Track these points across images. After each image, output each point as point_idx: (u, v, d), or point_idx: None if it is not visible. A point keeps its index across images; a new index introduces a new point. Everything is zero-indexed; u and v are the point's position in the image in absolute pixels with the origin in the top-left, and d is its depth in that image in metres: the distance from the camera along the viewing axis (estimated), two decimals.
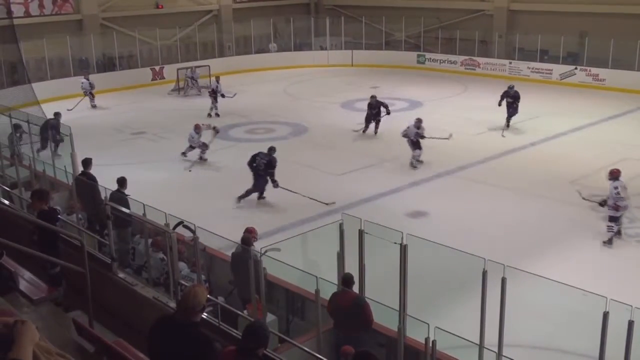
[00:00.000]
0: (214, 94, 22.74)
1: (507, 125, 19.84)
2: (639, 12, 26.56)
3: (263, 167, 13.96)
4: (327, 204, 13.78)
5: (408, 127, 16.48)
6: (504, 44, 30.94)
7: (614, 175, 12.01)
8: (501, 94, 20.03)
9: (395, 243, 6.77)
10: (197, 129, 17.24)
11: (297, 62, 32.98)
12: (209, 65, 28.68)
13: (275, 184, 13.98)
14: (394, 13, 33.82)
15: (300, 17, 35.84)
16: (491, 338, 6.47)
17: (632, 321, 5.46)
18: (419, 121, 16.60)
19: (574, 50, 28.26)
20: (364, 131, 19.42)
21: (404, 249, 6.76)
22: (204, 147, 17.22)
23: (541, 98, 23.47)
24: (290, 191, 13.96)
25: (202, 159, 17.27)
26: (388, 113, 19.15)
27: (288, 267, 7.55)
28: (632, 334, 5.51)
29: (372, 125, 19.45)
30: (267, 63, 32.53)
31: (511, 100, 19.66)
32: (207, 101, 25.58)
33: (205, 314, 6.48)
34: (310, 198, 13.84)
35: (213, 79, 23.28)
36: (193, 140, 17.19)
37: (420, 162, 16.51)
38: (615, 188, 11.73)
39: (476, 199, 14.51)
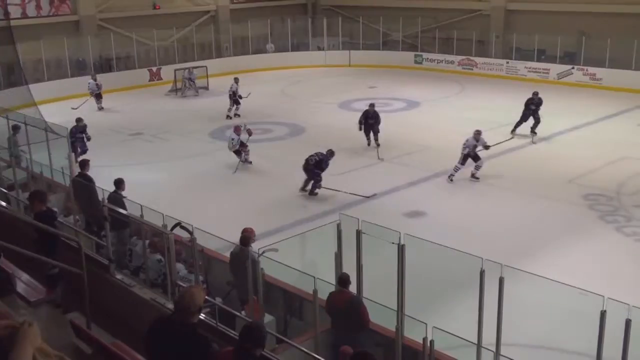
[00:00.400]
0: (234, 96, 22.49)
1: (535, 132, 19.13)
2: (636, 12, 26.61)
3: (313, 163, 14.50)
4: (368, 196, 14.26)
5: (467, 140, 15.57)
6: (501, 43, 30.96)
7: None
8: (525, 101, 19.41)
9: (392, 243, 6.78)
10: (237, 130, 16.83)
11: (294, 62, 32.97)
12: (206, 66, 28.70)
13: (316, 185, 14.56)
14: (392, 13, 33.82)
15: (298, 18, 35.88)
16: (489, 337, 6.48)
17: (630, 320, 5.46)
18: (478, 133, 15.67)
19: (571, 49, 28.28)
20: (368, 144, 18.31)
21: (401, 249, 6.77)
22: (244, 146, 16.82)
23: None
24: (331, 189, 14.51)
25: (246, 161, 16.83)
26: (374, 128, 18.07)
27: (286, 268, 7.55)
28: (629, 332, 5.52)
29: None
30: (265, 63, 32.53)
31: (535, 108, 19.20)
32: (204, 102, 25.78)
33: (203, 314, 6.48)
34: (351, 193, 14.35)
35: (232, 81, 22.90)
36: (235, 142, 16.69)
37: (477, 178, 15.52)
38: None
39: (474, 198, 14.53)
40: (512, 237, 12.23)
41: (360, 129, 18.25)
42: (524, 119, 19.35)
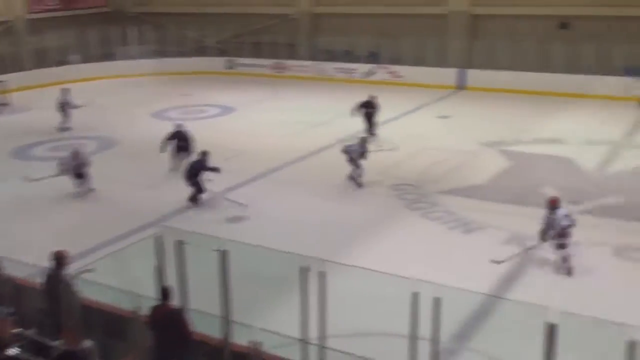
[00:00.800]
0: (64, 107, 21.36)
1: (373, 134, 19.29)
2: (429, 12, 29.10)
3: (194, 170, 14.20)
4: (244, 205, 13.91)
5: (351, 145, 15.57)
6: (310, 46, 32.08)
7: (556, 204, 10.90)
8: (361, 104, 19.58)
9: (215, 250, 6.76)
10: (76, 156, 15.07)
11: (103, 72, 31.63)
12: (5, 81, 26.47)
13: (200, 192, 14.24)
14: (203, 19, 33.74)
15: (104, 26, 34.27)
16: (316, 332, 6.68)
17: (439, 298, 5.88)
18: (363, 140, 15.82)
19: (374, 50, 30.04)
20: (177, 168, 16.15)
21: (224, 255, 6.76)
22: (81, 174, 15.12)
23: (347, 96, 24.41)
24: (209, 192, 14.34)
25: (88, 188, 15.18)
26: (187, 150, 16.64)
27: (105, 288, 7.23)
28: (439, 310, 5.93)
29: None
30: (71, 75, 30.60)
31: (371, 110, 19.54)
32: (3, 119, 23.83)
33: (15, 349, 6.00)
34: (228, 199, 14.14)
35: (60, 91, 21.82)
36: (64, 161, 15.17)
37: (360, 183, 15.38)
38: (567, 216, 10.79)
39: (291, 199, 14.73)
40: (331, 232, 12.63)
41: (163, 151, 16.78)
42: (370, 123, 19.56)
